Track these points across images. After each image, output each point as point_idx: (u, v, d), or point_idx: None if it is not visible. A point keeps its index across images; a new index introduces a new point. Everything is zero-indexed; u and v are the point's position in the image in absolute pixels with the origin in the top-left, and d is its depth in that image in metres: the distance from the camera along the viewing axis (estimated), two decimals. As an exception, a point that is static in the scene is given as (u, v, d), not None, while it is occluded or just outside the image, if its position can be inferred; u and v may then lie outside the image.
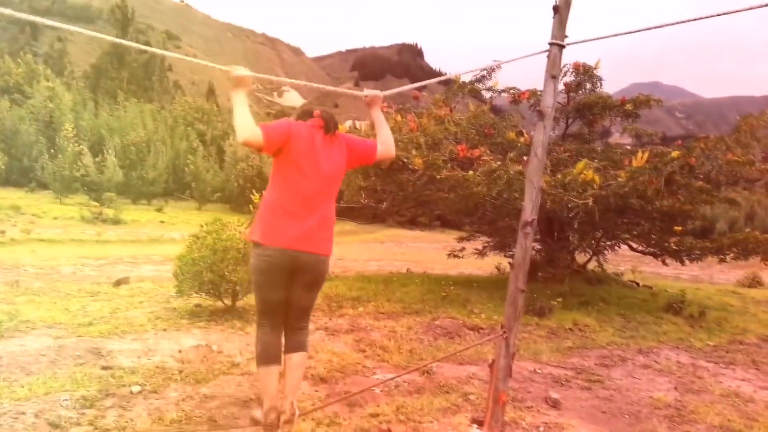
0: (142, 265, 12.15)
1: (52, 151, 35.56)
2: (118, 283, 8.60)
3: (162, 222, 29.39)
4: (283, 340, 3.06)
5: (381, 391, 4.48)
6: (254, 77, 2.82)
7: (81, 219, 24.60)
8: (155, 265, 12.24)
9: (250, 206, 9.90)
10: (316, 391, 4.47)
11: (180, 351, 5.13)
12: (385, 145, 3.25)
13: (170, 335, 5.64)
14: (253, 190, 10.55)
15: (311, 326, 6.46)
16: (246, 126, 2.65)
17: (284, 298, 2.92)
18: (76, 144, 36.29)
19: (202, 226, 6.99)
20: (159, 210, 36.02)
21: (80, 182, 35.12)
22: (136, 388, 4.10)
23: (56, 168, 33.43)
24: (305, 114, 3.09)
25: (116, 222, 25.45)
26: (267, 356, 2.91)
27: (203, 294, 6.60)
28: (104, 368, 4.51)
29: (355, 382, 4.64)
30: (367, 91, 3.30)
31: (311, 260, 2.87)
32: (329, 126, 3.01)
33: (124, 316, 6.25)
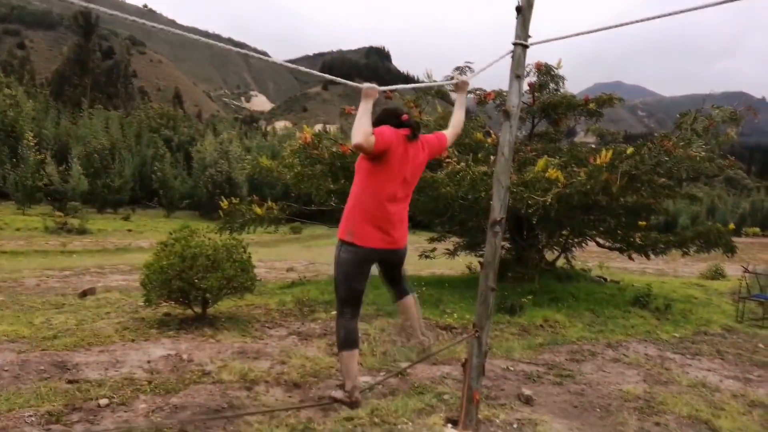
0: (109, 275, 11.89)
1: (14, 160, 34.61)
2: (84, 294, 8.40)
3: (129, 230, 28.86)
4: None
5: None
6: (381, 89, 3.14)
7: (45, 229, 24.01)
8: (123, 274, 12.00)
9: (220, 212, 9.82)
10: (289, 396, 4.44)
11: (149, 361, 5.03)
12: (455, 126, 3.62)
13: (139, 345, 5.53)
14: (222, 196, 10.45)
15: (284, 331, 6.44)
16: (364, 132, 2.85)
17: (365, 287, 3.20)
18: (38, 153, 35.40)
19: (170, 233, 6.87)
20: (126, 218, 35.37)
21: (43, 192, 34.30)
22: (103, 401, 4.01)
23: (18, 177, 32.56)
24: (391, 116, 3.21)
25: (81, 231, 24.91)
26: (349, 341, 3.12)
27: (172, 302, 6.49)
28: (70, 382, 4.39)
29: (329, 387, 4.61)
30: (458, 78, 4.13)
31: (394, 254, 3.23)
32: (416, 135, 3.20)
33: (90, 328, 6.10)
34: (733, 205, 76.45)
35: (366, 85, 3.06)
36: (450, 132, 3.56)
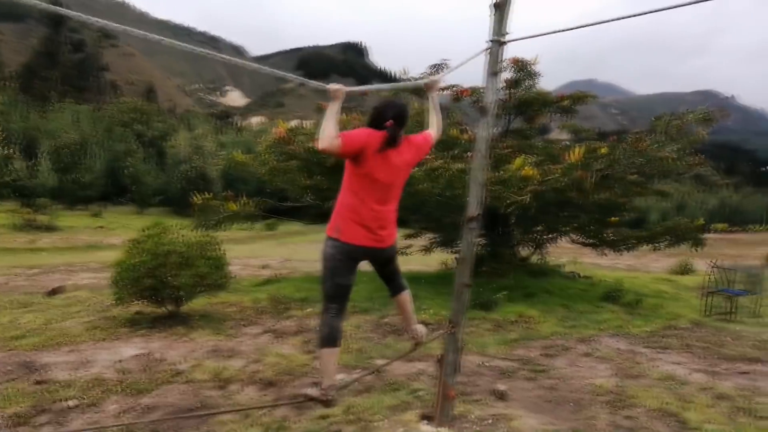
0: (79, 273, 11.66)
1: (-21, 156, 33.64)
2: (52, 293, 8.22)
3: (100, 227, 28.30)
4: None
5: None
6: (348, 90, 3.11)
7: (12, 226, 23.42)
8: (93, 272, 11.77)
9: (194, 208, 9.68)
10: (264, 395, 4.40)
11: (119, 361, 4.95)
12: (437, 126, 3.60)
13: (109, 345, 5.43)
14: (196, 192, 10.32)
15: (258, 329, 6.38)
16: (329, 135, 2.88)
17: (352, 283, 3.23)
18: (5, 147, 34.47)
19: (142, 230, 6.76)
20: (96, 215, 34.68)
21: (11, 188, 33.41)
22: (72, 403, 3.92)
23: (-16, 174, 31.69)
24: (377, 118, 3.18)
25: (50, 228, 24.36)
26: (332, 339, 3.13)
27: (144, 301, 6.39)
28: (38, 383, 4.30)
29: (304, 385, 4.59)
30: (428, 78, 3.89)
31: (380, 252, 3.25)
32: (393, 142, 3.14)
33: (58, 327, 5.97)
34: (702, 201, 78.00)
35: (332, 86, 3.03)
36: (434, 133, 3.55)
